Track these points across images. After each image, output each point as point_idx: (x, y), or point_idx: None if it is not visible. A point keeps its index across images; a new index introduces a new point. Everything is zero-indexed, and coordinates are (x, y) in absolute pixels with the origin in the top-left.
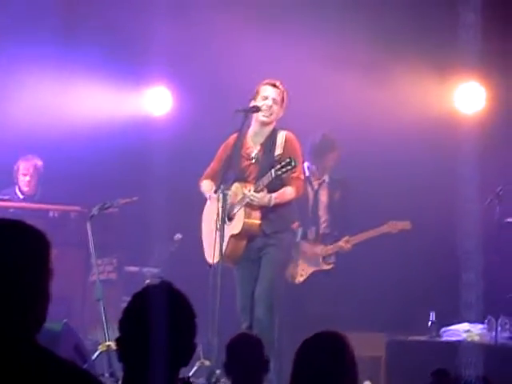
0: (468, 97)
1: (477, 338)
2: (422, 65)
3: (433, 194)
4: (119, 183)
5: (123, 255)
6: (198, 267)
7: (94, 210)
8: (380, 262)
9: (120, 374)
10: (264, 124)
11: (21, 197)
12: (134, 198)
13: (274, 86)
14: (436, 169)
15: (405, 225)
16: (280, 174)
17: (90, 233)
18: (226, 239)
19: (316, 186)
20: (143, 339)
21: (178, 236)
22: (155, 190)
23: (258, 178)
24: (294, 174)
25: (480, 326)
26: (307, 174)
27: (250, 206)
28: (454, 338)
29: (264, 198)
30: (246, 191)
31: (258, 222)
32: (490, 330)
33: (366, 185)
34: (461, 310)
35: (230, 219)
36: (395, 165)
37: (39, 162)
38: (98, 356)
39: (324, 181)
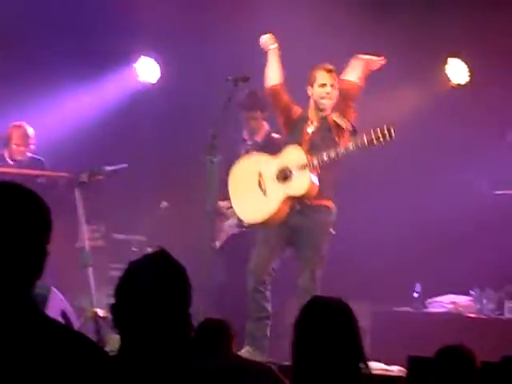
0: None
1: (462, 310)
2: None
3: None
4: (107, 150)
5: (111, 223)
6: (183, 235)
7: (84, 177)
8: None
9: (106, 340)
10: (325, 110)
11: (10, 162)
12: (123, 165)
13: (329, 71)
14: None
15: None
16: (374, 144)
17: (78, 199)
18: (278, 199)
19: (249, 147)
20: (138, 306)
21: (164, 204)
22: (143, 158)
23: (314, 148)
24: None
25: (465, 297)
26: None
27: (313, 170)
28: (439, 310)
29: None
30: (333, 153)
31: (317, 185)
32: (475, 301)
33: None
34: (446, 282)
35: (285, 179)
36: None
37: (31, 130)
38: (83, 322)
39: (256, 142)
